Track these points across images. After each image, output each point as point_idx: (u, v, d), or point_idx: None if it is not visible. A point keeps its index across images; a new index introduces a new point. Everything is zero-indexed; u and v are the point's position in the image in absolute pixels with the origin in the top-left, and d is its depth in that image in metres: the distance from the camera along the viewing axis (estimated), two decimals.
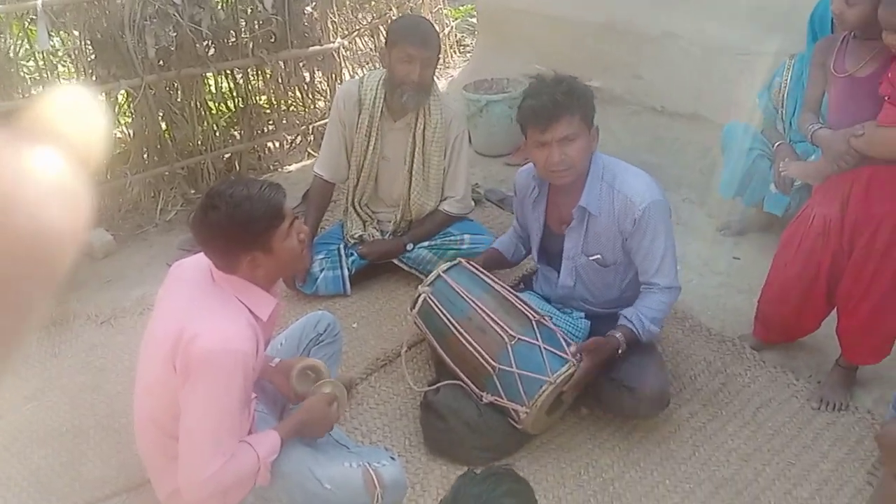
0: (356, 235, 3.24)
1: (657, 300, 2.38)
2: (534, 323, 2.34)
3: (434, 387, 2.45)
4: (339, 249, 3.23)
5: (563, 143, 2.24)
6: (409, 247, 3.20)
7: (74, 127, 0.47)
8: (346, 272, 3.19)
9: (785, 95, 3.25)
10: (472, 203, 3.38)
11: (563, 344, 2.30)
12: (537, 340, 2.29)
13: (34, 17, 3.33)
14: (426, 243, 3.20)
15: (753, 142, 3.28)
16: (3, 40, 3.38)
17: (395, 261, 3.22)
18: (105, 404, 2.66)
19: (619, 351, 2.31)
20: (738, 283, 3.18)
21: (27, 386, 2.76)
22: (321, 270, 3.16)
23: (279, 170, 4.50)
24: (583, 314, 2.56)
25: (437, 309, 2.45)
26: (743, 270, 3.26)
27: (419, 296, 2.50)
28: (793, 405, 2.54)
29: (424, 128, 3.09)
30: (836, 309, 2.54)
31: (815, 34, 3.07)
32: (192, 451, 1.79)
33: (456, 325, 2.39)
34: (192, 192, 4.16)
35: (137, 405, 2.02)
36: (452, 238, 3.21)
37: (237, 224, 1.80)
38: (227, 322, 1.82)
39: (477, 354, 2.33)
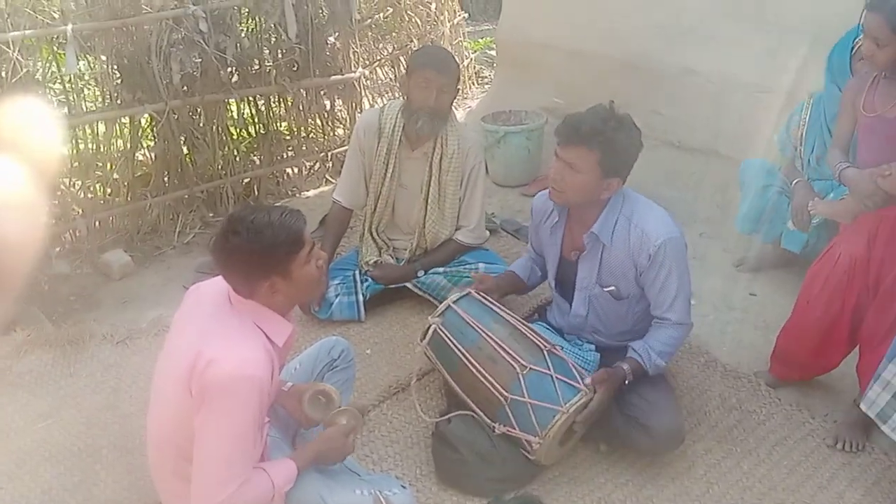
0: (371, 262, 3.26)
1: (667, 335, 2.38)
2: (545, 353, 2.34)
3: (445, 417, 2.44)
4: (354, 275, 3.24)
5: (567, 167, 2.26)
6: (420, 273, 3.21)
7: (31, 140, 0.48)
8: (360, 298, 3.19)
9: (804, 134, 3.25)
10: (487, 233, 3.40)
11: (575, 374, 2.30)
12: (549, 370, 2.29)
13: (63, 41, 3.40)
14: (441, 270, 3.21)
15: (771, 178, 3.28)
16: (32, 63, 3.45)
17: (409, 285, 3.22)
18: (119, 424, 2.66)
19: (626, 381, 2.31)
20: (754, 320, 3.16)
21: (41, 404, 2.77)
22: (336, 296, 3.17)
23: (297, 195, 4.53)
24: (593, 346, 2.56)
25: (447, 339, 2.44)
26: (759, 306, 3.24)
27: (429, 327, 2.50)
28: (809, 444, 2.51)
29: (441, 157, 3.11)
30: (857, 347, 2.52)
31: (833, 74, 3.09)
32: (205, 476, 1.80)
33: (466, 355, 2.39)
34: (211, 215, 4.20)
35: (151, 426, 2.02)
36: (468, 266, 3.21)
37: (258, 250, 1.81)
38: (244, 348, 1.83)
39: (488, 384, 2.32)
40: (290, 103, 4.43)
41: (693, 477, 2.39)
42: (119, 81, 3.78)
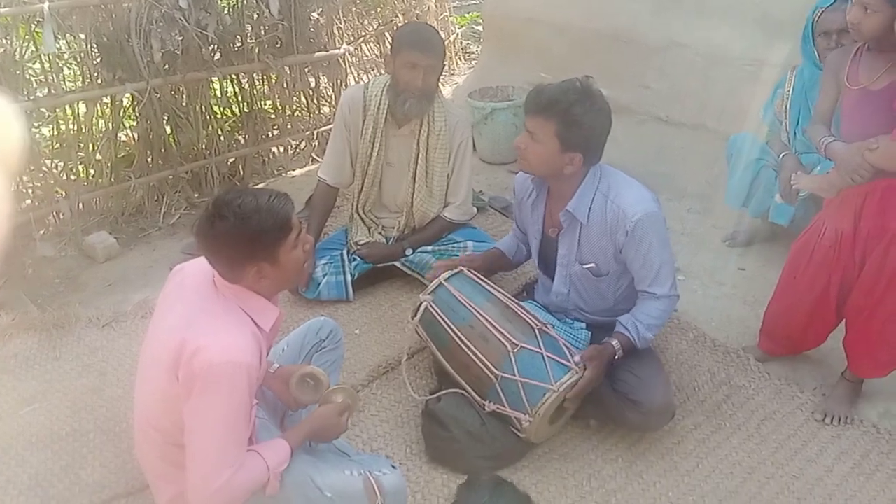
0: (361, 242, 3.23)
1: (654, 307, 2.37)
2: (536, 331, 2.33)
3: (436, 395, 2.43)
4: (341, 255, 3.22)
5: (530, 136, 2.29)
6: (409, 251, 3.20)
7: None
8: (348, 277, 3.17)
9: (788, 107, 3.25)
10: (474, 209, 3.38)
11: (566, 352, 2.29)
12: (540, 348, 2.28)
13: (41, 20, 3.33)
14: (429, 248, 3.20)
15: (759, 152, 3.28)
16: (9, 43, 3.38)
17: (398, 264, 3.20)
18: (105, 408, 2.64)
19: (616, 357, 2.31)
20: (744, 295, 3.16)
21: (27, 388, 2.74)
22: (324, 276, 3.14)
23: (283, 174, 4.50)
24: (584, 324, 2.55)
25: (438, 317, 2.44)
26: (748, 281, 3.25)
27: (420, 304, 2.49)
28: (797, 418, 2.52)
29: (428, 134, 3.08)
30: (844, 322, 2.52)
31: (808, 47, 3.07)
32: (200, 464, 1.77)
33: (458, 332, 2.38)
34: (196, 195, 4.16)
35: (137, 411, 2.00)
36: (456, 244, 3.20)
37: (245, 236, 1.78)
38: (231, 334, 1.80)
39: (479, 362, 2.31)
40: (274, 81, 4.38)
41: (682, 452, 2.40)
42: (99, 60, 3.72)
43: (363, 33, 4.96)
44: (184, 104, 4.00)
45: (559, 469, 2.36)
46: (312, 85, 4.61)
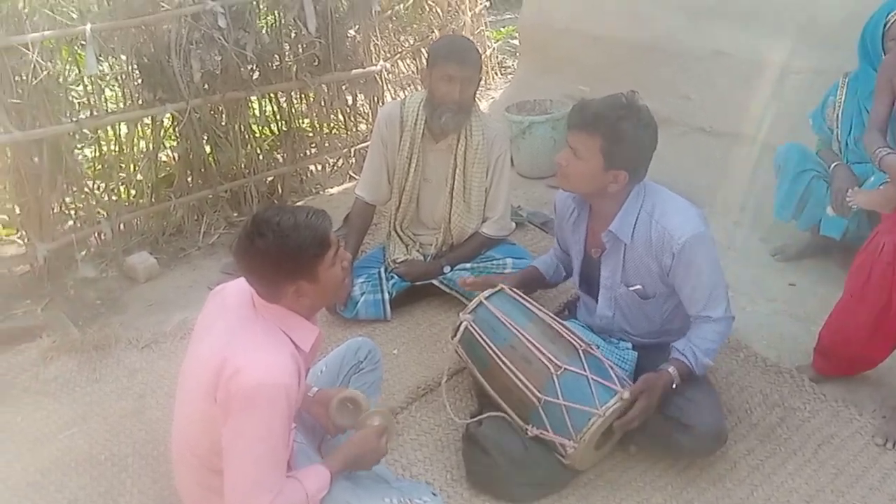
0: (399, 260, 3.19)
1: (710, 330, 2.27)
2: (580, 352, 2.25)
3: (477, 419, 2.37)
4: (379, 273, 3.18)
5: (572, 153, 2.22)
6: (447, 269, 3.14)
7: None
8: (386, 296, 3.13)
9: (840, 115, 3.14)
10: (512, 225, 3.32)
11: (612, 374, 2.21)
12: (584, 371, 2.20)
13: (83, 42, 3.37)
14: (468, 265, 3.14)
15: (809, 163, 3.17)
16: (52, 66, 3.43)
17: (436, 282, 3.15)
18: (145, 431, 2.63)
19: (673, 385, 2.21)
20: (795, 311, 3.05)
21: (67, 412, 2.74)
22: (362, 294, 3.10)
23: (321, 192, 4.49)
24: (630, 345, 2.46)
25: (479, 337, 2.37)
26: (799, 297, 3.13)
27: (460, 324, 2.43)
28: (857, 442, 2.40)
29: (466, 148, 3.04)
30: None
31: (867, 51, 2.97)
32: (238, 489, 1.74)
33: (499, 354, 2.31)
34: (235, 214, 4.16)
35: (175, 436, 1.98)
36: (495, 262, 3.14)
37: (284, 253, 1.76)
38: (271, 355, 1.77)
39: (521, 385, 2.24)
40: (311, 99, 4.39)
41: (735, 479, 2.29)
42: (140, 81, 3.75)
43: (399, 50, 4.94)
44: (223, 124, 4.01)
45: (606, 497, 2.27)
46: (349, 102, 4.60)
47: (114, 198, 3.82)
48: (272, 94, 4.22)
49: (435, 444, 2.51)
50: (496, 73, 6.20)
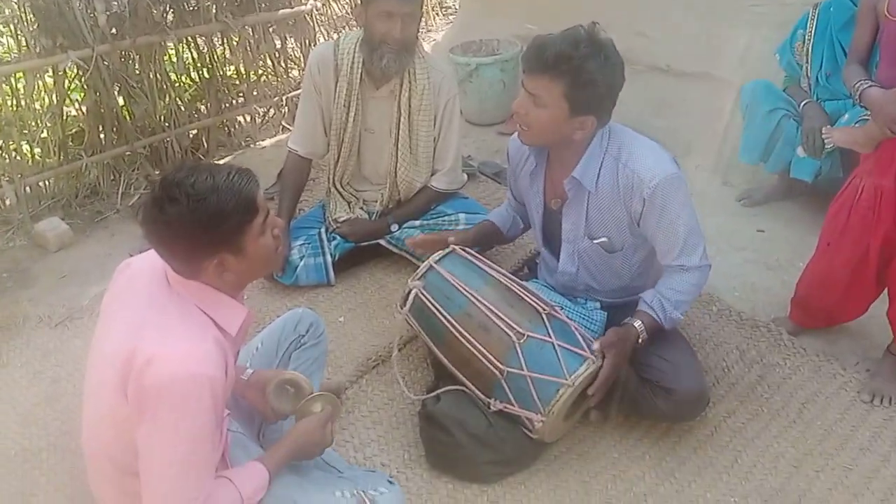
0: (341, 219, 2.91)
1: (684, 280, 2.06)
2: (544, 316, 2.03)
3: (434, 394, 2.14)
4: (319, 234, 2.91)
5: (532, 100, 1.95)
6: (394, 227, 2.90)
7: None
8: (328, 259, 2.87)
9: (810, 49, 2.97)
10: (464, 177, 3.07)
11: (580, 339, 2.00)
12: (550, 337, 1.99)
13: None
14: (417, 223, 2.90)
15: (777, 101, 3.01)
16: None
17: (383, 242, 2.91)
18: (60, 421, 2.37)
19: (640, 340, 2.01)
20: (766, 259, 2.90)
21: None
22: (301, 258, 2.84)
23: (251, 146, 4.22)
24: (598, 304, 2.25)
25: (430, 305, 2.13)
26: (769, 244, 2.99)
27: (409, 291, 2.19)
28: (842, 399, 2.26)
29: (410, 94, 2.77)
30: (886, 291, 2.26)
31: None
32: (157, 497, 1.51)
33: (454, 323, 2.08)
34: (157, 172, 3.85)
35: (86, 436, 1.71)
36: (446, 217, 2.91)
37: (202, 222, 1.47)
38: (189, 341, 1.50)
39: (481, 356, 2.02)
40: (235, 43, 4.07)
41: (717, 445, 2.13)
42: (36, 27, 3.35)
43: None
44: (136, 72, 3.68)
45: (578, 472, 2.09)
46: (278, 46, 4.28)
47: (17, 158, 3.43)
48: (190, 39, 3.89)
49: (389, 421, 2.30)
50: (437, 14, 5.91)
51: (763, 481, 2.02)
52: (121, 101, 3.66)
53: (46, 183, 3.59)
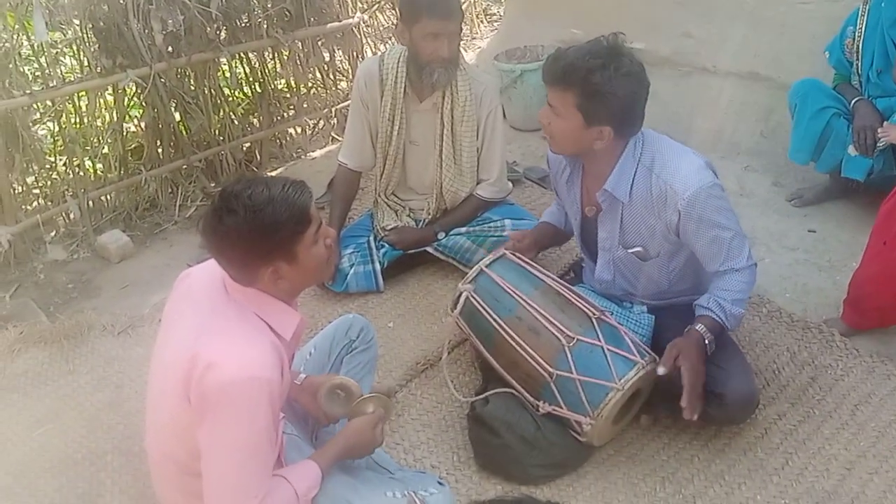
0: (389, 227, 2.96)
1: (735, 280, 2.04)
2: (594, 321, 2.05)
3: (482, 396, 2.17)
4: (368, 242, 2.96)
5: (552, 110, 2.00)
6: (441, 235, 2.93)
7: None
8: (377, 266, 2.92)
9: (860, 46, 2.91)
10: (509, 185, 3.09)
11: (629, 343, 2.01)
12: (599, 341, 2.00)
13: (31, 7, 3.08)
14: (463, 230, 2.92)
15: (827, 99, 2.95)
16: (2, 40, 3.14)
17: (430, 249, 2.94)
18: (124, 425, 2.45)
19: (706, 342, 1.99)
20: (817, 260, 2.85)
21: (39, 408, 2.55)
22: (351, 266, 2.89)
23: (302, 157, 4.26)
24: (644, 308, 2.25)
25: (481, 308, 2.17)
26: (821, 245, 2.94)
27: (460, 294, 2.22)
28: None
29: (453, 106, 2.80)
30: None
31: None
32: (219, 496, 1.58)
33: (504, 325, 2.11)
34: (213, 185, 3.93)
35: (150, 439, 1.79)
36: (492, 224, 2.92)
37: (258, 232, 1.54)
38: (247, 346, 1.57)
39: (530, 359, 2.04)
40: (286, 57, 4.12)
41: (768, 448, 2.12)
42: (97, 47, 3.47)
43: (378, 0, 4.65)
44: (192, 88, 3.76)
45: (627, 474, 2.10)
46: (327, 59, 4.33)
47: (80, 174, 3.57)
48: (243, 54, 3.96)
49: (438, 423, 2.33)
50: (482, 21, 5.91)
51: (815, 483, 2.00)
52: (177, 116, 3.74)
53: (108, 197, 3.70)
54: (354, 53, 4.37)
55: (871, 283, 2.34)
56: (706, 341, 1.98)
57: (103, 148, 3.69)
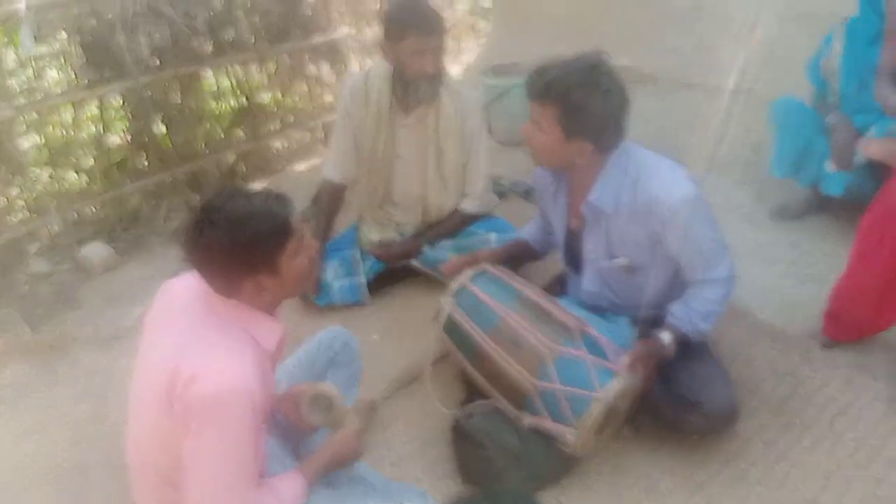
0: (374, 241, 2.97)
1: (711, 292, 2.07)
2: (576, 332, 2.06)
3: (467, 409, 2.17)
4: (353, 255, 2.97)
5: (534, 125, 2.05)
6: (426, 248, 2.94)
7: None
8: (362, 279, 2.92)
9: (838, 64, 2.93)
10: (495, 198, 3.10)
11: (611, 354, 2.02)
12: (581, 352, 2.01)
13: (18, 20, 3.09)
14: (449, 243, 2.93)
15: (807, 116, 2.99)
16: None
17: (414, 262, 2.94)
18: (109, 437, 2.43)
19: (667, 352, 2.04)
20: (799, 273, 2.88)
21: (23, 419, 2.56)
22: (336, 279, 2.89)
23: (287, 170, 4.28)
24: (627, 319, 2.27)
25: (463, 322, 2.18)
26: (803, 258, 2.96)
27: (441, 308, 2.23)
28: (875, 411, 2.23)
29: (437, 121, 2.81)
30: None
31: None
32: None
33: (486, 339, 2.12)
34: (197, 197, 3.95)
35: (132, 450, 1.77)
36: (477, 237, 2.93)
37: (239, 245, 1.55)
38: (230, 358, 1.56)
39: (513, 371, 2.05)
40: (272, 71, 4.12)
41: (749, 458, 2.13)
42: (84, 60, 3.48)
43: (364, 14, 4.67)
44: (177, 101, 3.77)
45: (611, 485, 2.10)
46: (313, 73, 4.37)
47: (64, 186, 3.56)
48: (228, 67, 3.98)
49: (423, 437, 2.33)
50: (468, 36, 5.94)
51: (794, 493, 2.00)
52: (162, 129, 3.77)
53: (92, 209, 3.71)
54: (341, 67, 4.40)
55: (851, 296, 2.36)
56: (667, 352, 2.05)
57: (88, 160, 3.69)
